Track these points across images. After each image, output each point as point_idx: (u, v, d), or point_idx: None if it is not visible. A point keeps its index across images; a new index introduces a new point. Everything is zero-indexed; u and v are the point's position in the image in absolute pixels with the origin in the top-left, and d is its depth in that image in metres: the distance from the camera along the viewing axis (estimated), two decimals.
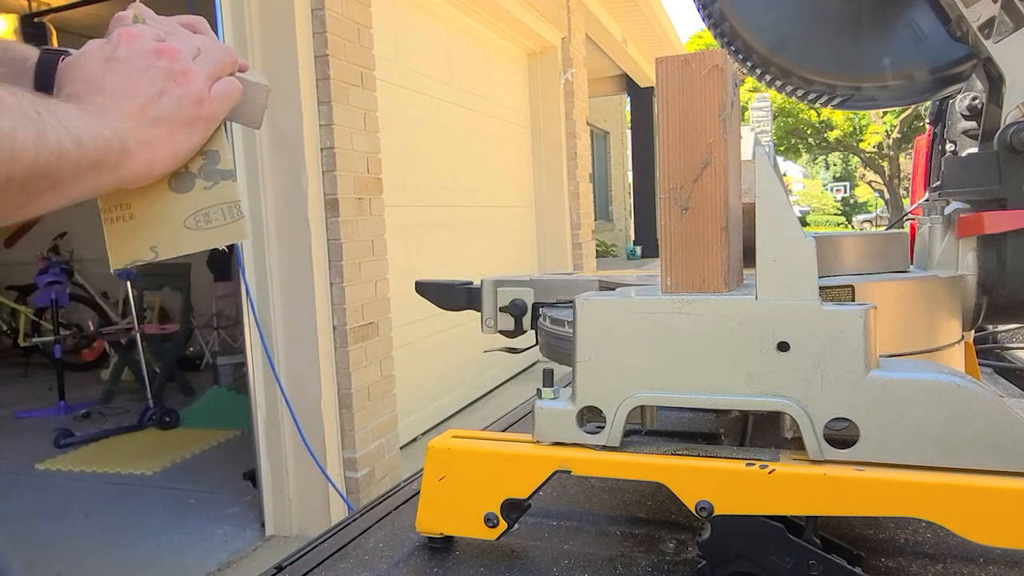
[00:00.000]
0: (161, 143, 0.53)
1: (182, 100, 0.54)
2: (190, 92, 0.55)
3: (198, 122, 0.55)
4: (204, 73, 0.56)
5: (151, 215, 0.56)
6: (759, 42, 0.86)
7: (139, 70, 0.54)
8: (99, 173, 0.50)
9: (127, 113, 0.52)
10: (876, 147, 22.58)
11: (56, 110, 0.48)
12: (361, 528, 0.65)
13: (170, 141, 0.54)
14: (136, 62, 0.54)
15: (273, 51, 2.85)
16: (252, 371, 2.94)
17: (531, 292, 0.82)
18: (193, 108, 0.55)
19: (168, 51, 0.55)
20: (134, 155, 0.52)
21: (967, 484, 0.45)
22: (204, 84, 0.55)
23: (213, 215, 0.56)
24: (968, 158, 0.73)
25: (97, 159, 0.49)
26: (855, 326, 0.47)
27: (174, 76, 0.54)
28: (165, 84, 0.54)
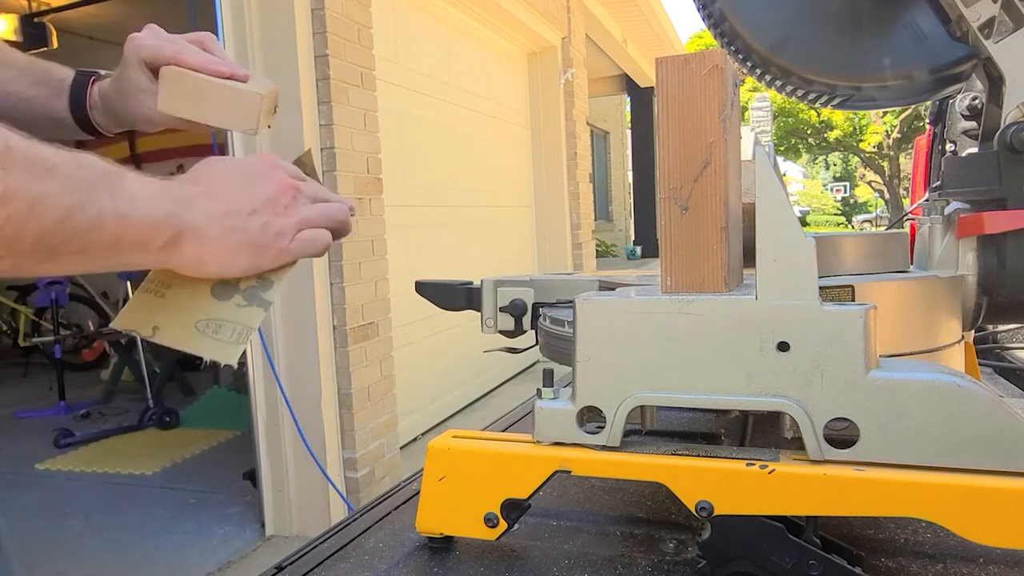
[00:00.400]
0: (223, 250, 0.56)
1: (268, 227, 0.57)
2: (279, 224, 0.57)
3: (268, 252, 0.57)
4: (306, 217, 0.59)
5: (176, 304, 0.58)
6: (759, 42, 0.86)
7: (248, 185, 0.57)
8: (143, 252, 0.52)
9: (207, 210, 0.55)
10: (876, 147, 22.58)
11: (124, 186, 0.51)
12: (361, 528, 0.65)
13: (233, 253, 0.56)
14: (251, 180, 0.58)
15: (273, 51, 2.85)
16: (252, 371, 2.94)
17: (531, 292, 0.82)
18: (272, 238, 0.57)
19: (284, 184, 0.58)
20: (187, 246, 0.54)
21: (967, 484, 0.45)
22: (296, 224, 0.58)
23: (224, 329, 0.57)
24: (968, 158, 0.73)
25: (142, 238, 0.51)
26: (855, 326, 0.47)
27: (274, 205, 0.57)
28: (263, 207, 0.57)
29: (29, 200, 0.45)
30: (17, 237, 0.45)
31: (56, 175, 0.46)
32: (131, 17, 6.07)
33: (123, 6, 5.15)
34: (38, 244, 0.46)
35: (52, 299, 5.12)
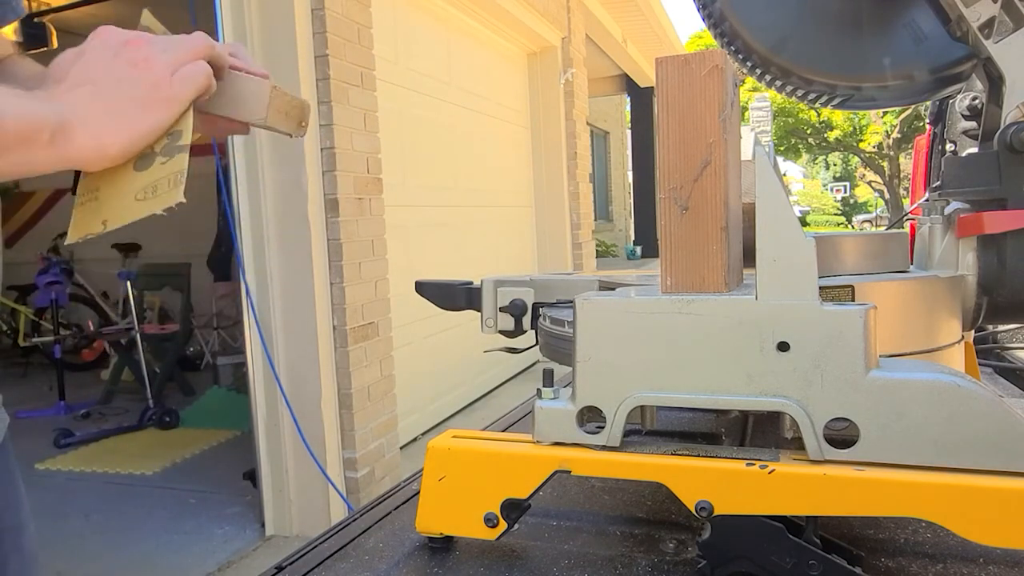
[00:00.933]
0: (111, 123, 0.56)
1: (138, 84, 0.57)
2: (148, 77, 0.57)
3: (157, 104, 0.57)
4: (168, 59, 0.58)
5: (111, 194, 0.58)
6: (759, 42, 0.86)
7: (101, 61, 0.57)
8: (31, 148, 0.53)
9: (77, 97, 0.55)
10: (876, 147, 22.58)
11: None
12: (361, 528, 0.65)
13: (122, 121, 0.56)
14: (99, 53, 0.57)
15: (273, 51, 2.85)
16: (252, 371, 2.94)
17: (531, 292, 0.82)
18: (150, 91, 0.57)
19: (132, 42, 0.58)
20: (76, 133, 0.54)
21: (967, 484, 0.45)
22: (165, 69, 0.58)
23: (160, 185, 0.57)
24: (968, 158, 0.73)
25: (24, 135, 0.52)
26: (855, 326, 0.47)
27: (134, 63, 0.57)
28: (123, 71, 0.57)
29: None
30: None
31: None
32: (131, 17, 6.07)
33: (123, 6, 5.15)
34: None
35: (52, 299, 5.12)
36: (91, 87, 0.56)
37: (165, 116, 0.57)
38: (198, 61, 0.59)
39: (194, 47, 0.60)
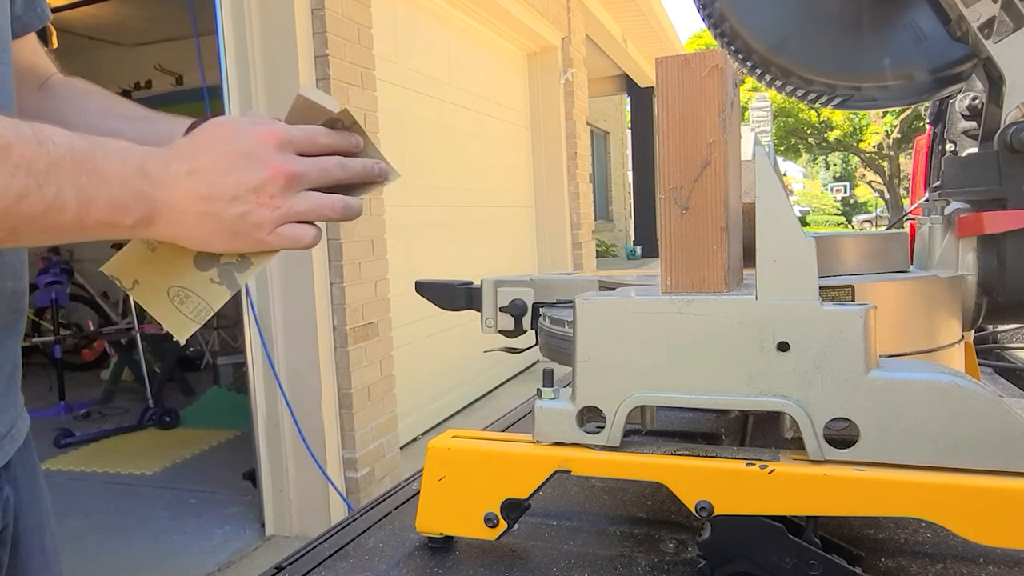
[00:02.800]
0: (198, 233, 0.54)
1: (246, 216, 0.54)
2: (259, 214, 0.55)
3: (246, 240, 0.56)
4: (292, 210, 0.56)
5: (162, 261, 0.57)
6: (759, 42, 0.86)
7: (237, 168, 0.54)
8: (112, 230, 0.52)
9: (186, 193, 0.53)
10: (876, 147, 22.58)
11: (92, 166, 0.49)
12: (361, 528, 0.65)
13: (206, 236, 0.55)
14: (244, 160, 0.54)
15: (273, 51, 2.85)
16: (252, 371, 2.94)
17: (531, 292, 0.82)
18: (249, 228, 0.55)
19: (277, 170, 0.55)
20: (161, 226, 0.53)
21: (967, 484, 0.45)
22: (279, 217, 0.55)
23: (189, 302, 0.57)
24: (968, 158, 0.73)
25: (106, 220, 0.51)
26: (855, 326, 0.47)
27: (259, 193, 0.54)
28: (246, 195, 0.54)
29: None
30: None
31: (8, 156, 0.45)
32: (131, 17, 6.08)
33: (123, 6, 5.15)
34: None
35: (52, 299, 5.12)
36: (205, 190, 0.53)
37: (247, 250, 0.57)
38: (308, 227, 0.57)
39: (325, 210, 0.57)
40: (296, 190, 0.56)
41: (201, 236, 0.55)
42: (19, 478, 0.68)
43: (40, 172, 0.46)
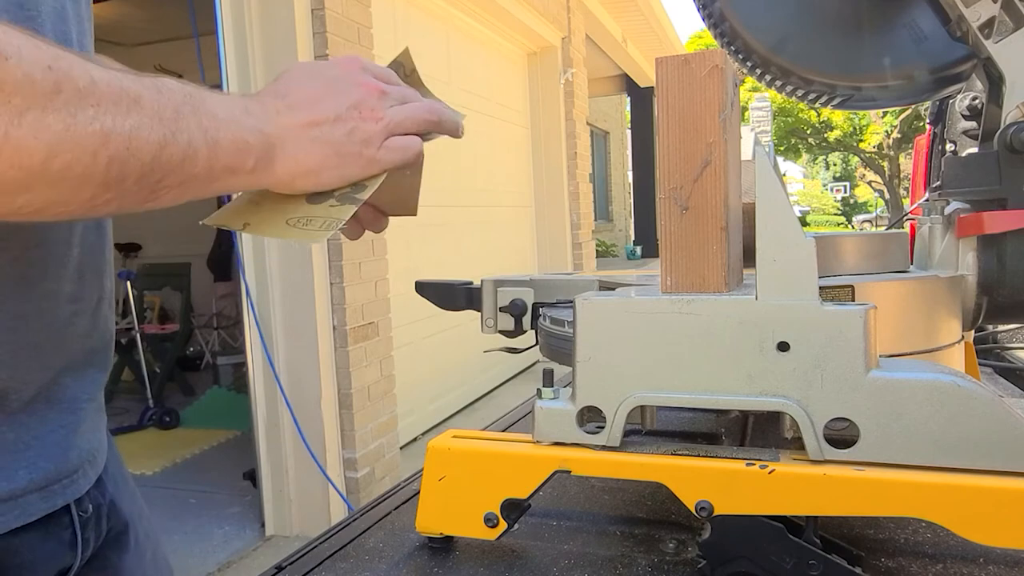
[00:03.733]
0: (312, 162, 0.54)
1: (354, 133, 0.54)
2: (365, 130, 0.55)
3: (358, 160, 0.55)
4: (392, 120, 0.56)
5: (270, 207, 0.56)
6: (759, 42, 0.86)
7: (332, 92, 0.54)
8: (234, 176, 0.51)
9: (290, 123, 0.53)
10: (876, 147, 22.58)
11: (206, 109, 0.48)
12: (361, 528, 0.65)
13: (320, 164, 0.54)
14: (334, 85, 0.55)
15: (273, 51, 2.85)
16: (252, 371, 2.94)
17: (531, 292, 0.82)
18: (359, 145, 0.55)
19: (370, 87, 0.56)
20: (277, 164, 0.52)
21: (967, 484, 0.45)
22: (384, 129, 0.56)
23: (315, 222, 0.55)
24: (968, 158, 0.73)
25: (231, 163, 0.50)
26: (855, 326, 0.47)
27: (360, 109, 0.55)
28: (348, 113, 0.54)
29: (126, 136, 0.43)
30: (122, 177, 0.43)
31: (142, 105, 0.44)
32: (131, 17, 6.07)
33: (123, 6, 5.15)
34: (141, 181, 0.45)
35: None
36: (308, 117, 0.53)
37: (360, 173, 0.56)
38: (413, 137, 0.57)
39: (419, 115, 0.58)
40: (389, 104, 0.57)
41: (316, 166, 0.54)
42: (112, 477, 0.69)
43: (170, 120, 0.45)
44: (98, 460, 0.64)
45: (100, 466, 0.65)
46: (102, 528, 0.64)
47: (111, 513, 0.65)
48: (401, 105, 0.58)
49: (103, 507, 0.64)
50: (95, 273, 0.61)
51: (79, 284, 0.58)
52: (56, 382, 0.56)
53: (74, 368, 0.58)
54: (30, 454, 0.54)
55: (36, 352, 0.54)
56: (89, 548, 0.61)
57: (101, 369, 0.63)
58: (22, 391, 0.53)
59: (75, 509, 0.59)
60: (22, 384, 0.53)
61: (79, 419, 0.59)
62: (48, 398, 0.56)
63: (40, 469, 0.55)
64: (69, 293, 0.57)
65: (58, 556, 0.58)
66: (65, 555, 0.58)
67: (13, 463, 0.53)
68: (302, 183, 0.54)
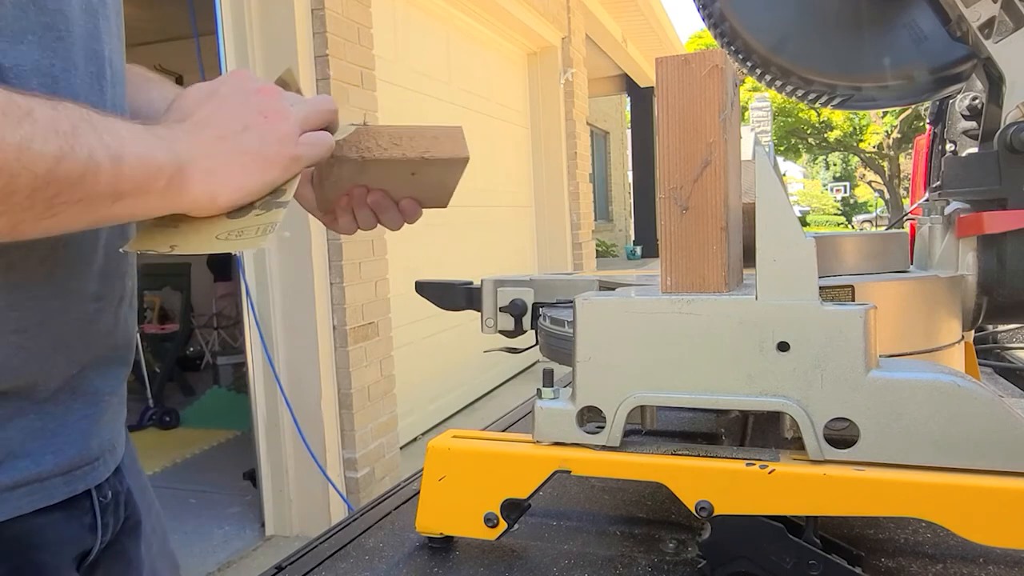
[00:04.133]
0: (231, 174, 0.53)
1: (266, 136, 0.54)
2: (277, 129, 0.55)
3: (278, 161, 0.55)
4: (299, 115, 0.56)
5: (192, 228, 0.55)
6: (759, 42, 0.86)
7: (231, 105, 0.55)
8: (145, 197, 0.50)
9: (200, 141, 0.52)
10: (876, 147, 22.58)
11: (108, 127, 0.48)
12: (361, 528, 0.65)
13: (241, 174, 0.53)
14: (232, 98, 0.55)
15: (273, 51, 2.85)
16: (252, 371, 2.94)
17: (531, 292, 0.82)
18: (276, 146, 0.54)
19: (266, 90, 0.56)
20: (193, 182, 0.52)
21: (967, 484, 0.45)
22: (294, 127, 0.55)
23: (247, 231, 0.54)
24: (968, 158, 0.73)
25: (140, 183, 0.49)
26: (855, 326, 0.47)
27: (264, 112, 0.55)
28: (253, 119, 0.54)
29: (15, 147, 0.42)
30: (11, 189, 0.42)
31: (34, 118, 0.43)
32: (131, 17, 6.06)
33: (123, 6, 5.14)
34: (34, 196, 0.43)
35: None
36: (216, 132, 0.53)
37: (281, 176, 0.55)
38: (323, 132, 0.58)
39: (325, 107, 0.58)
40: (290, 102, 0.57)
41: (236, 176, 0.53)
42: (128, 469, 0.71)
43: (67, 133, 0.45)
44: (118, 450, 0.67)
45: (120, 456, 0.67)
46: (120, 515, 0.66)
47: (127, 502, 0.68)
48: (302, 102, 0.58)
49: (121, 495, 0.67)
50: (118, 274, 0.63)
51: (103, 284, 0.60)
52: (81, 375, 0.59)
53: (97, 363, 0.61)
54: (56, 441, 0.57)
55: (63, 347, 0.57)
56: (108, 532, 0.64)
57: (123, 365, 0.66)
58: (49, 383, 0.56)
59: (96, 495, 0.62)
60: (49, 376, 0.56)
61: (101, 410, 0.62)
62: (73, 390, 0.59)
63: (65, 455, 0.58)
64: (93, 292, 0.59)
65: (79, 538, 0.61)
66: (86, 538, 0.61)
67: (40, 448, 0.56)
68: (227, 198, 0.53)
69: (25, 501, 0.54)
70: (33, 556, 0.56)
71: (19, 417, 0.54)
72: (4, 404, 0.53)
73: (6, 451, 0.54)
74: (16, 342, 0.53)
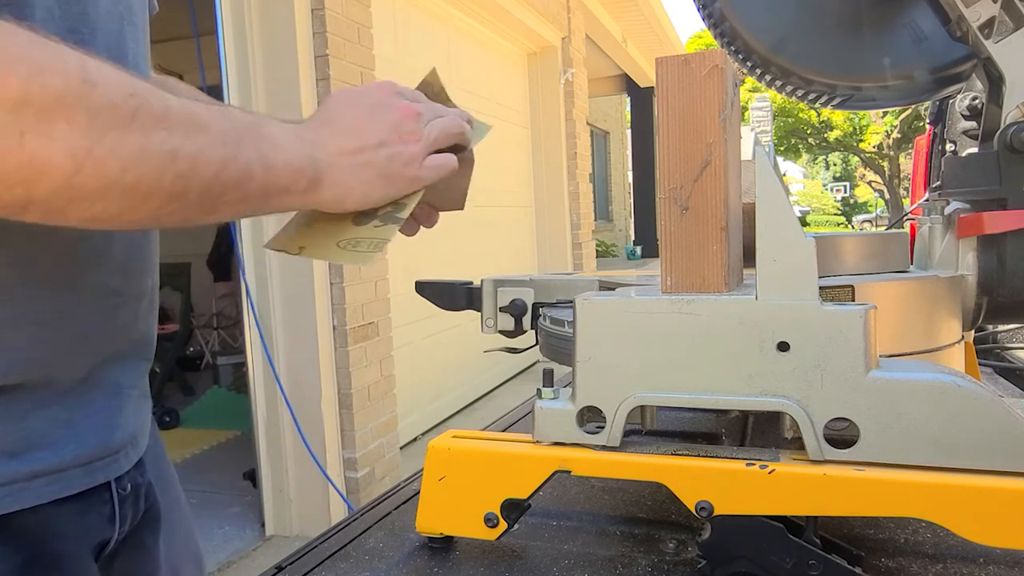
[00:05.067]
0: (358, 185, 0.58)
1: (396, 156, 0.59)
2: (406, 152, 0.60)
3: (401, 180, 0.60)
4: (428, 139, 0.61)
5: (321, 229, 0.61)
6: (759, 42, 0.86)
7: (372, 118, 0.60)
8: (287, 196, 0.56)
9: (338, 150, 0.58)
10: (876, 147, 22.58)
11: (264, 133, 0.54)
12: (361, 528, 0.65)
13: (367, 186, 0.59)
14: (374, 111, 0.60)
15: (273, 51, 2.85)
16: (252, 371, 2.94)
17: (531, 292, 0.82)
18: (401, 167, 0.60)
19: (406, 110, 0.61)
20: (325, 187, 0.57)
21: (967, 484, 0.45)
22: (422, 149, 0.61)
23: (363, 244, 0.60)
24: (968, 158, 0.73)
25: (286, 184, 0.55)
26: (855, 326, 0.47)
27: (400, 133, 0.60)
28: (389, 136, 0.59)
29: (191, 157, 0.48)
30: (184, 192, 0.48)
31: (209, 131, 0.50)
32: None
33: None
34: (203, 196, 0.50)
35: None
36: (355, 143, 0.58)
37: (403, 191, 0.61)
38: (448, 155, 0.63)
39: (452, 131, 0.63)
40: (424, 123, 0.62)
41: (361, 188, 0.59)
42: (153, 461, 0.73)
43: (232, 144, 0.51)
44: (140, 443, 0.68)
45: (141, 449, 0.69)
46: (139, 507, 0.68)
47: (148, 495, 0.70)
48: (434, 121, 0.63)
49: (141, 487, 0.68)
50: (139, 272, 0.66)
51: (123, 280, 0.62)
52: (101, 368, 0.61)
53: (118, 357, 0.63)
54: (77, 432, 0.59)
55: (83, 340, 0.59)
56: (127, 524, 0.65)
57: (143, 359, 0.68)
58: (70, 375, 0.58)
59: (115, 486, 0.63)
60: (70, 368, 0.58)
61: (122, 403, 0.64)
62: (94, 382, 0.60)
63: (85, 446, 0.59)
64: (114, 287, 0.61)
65: (98, 529, 0.62)
66: (104, 529, 0.63)
67: (61, 439, 0.57)
68: (351, 203, 0.59)
69: (45, 491, 0.56)
70: (52, 545, 0.57)
71: (41, 408, 0.56)
72: (26, 395, 0.55)
73: (27, 441, 0.55)
74: (36, 333, 0.55)
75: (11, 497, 0.54)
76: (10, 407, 0.54)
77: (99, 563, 0.63)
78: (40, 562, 0.56)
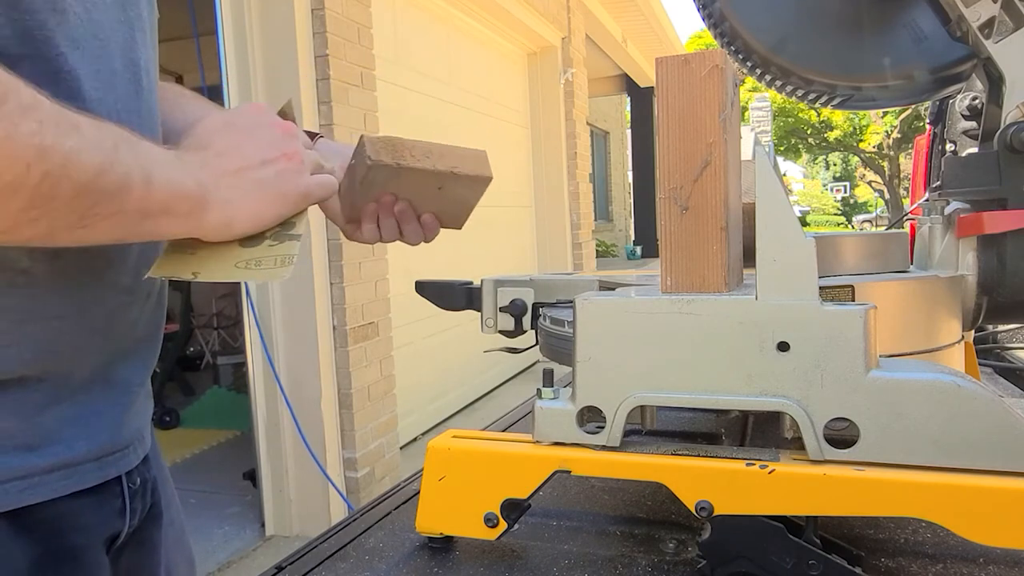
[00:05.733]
0: (247, 205, 0.57)
1: (283, 173, 0.59)
2: (292, 167, 0.59)
3: (291, 198, 0.59)
4: (309, 159, 0.61)
5: (210, 255, 0.59)
6: (759, 42, 0.86)
7: (252, 137, 0.59)
8: (166, 218, 0.53)
9: (221, 171, 0.56)
10: (876, 147, 22.57)
11: (142, 150, 0.51)
12: (361, 528, 0.65)
13: (256, 205, 0.57)
14: (251, 132, 0.59)
15: (273, 51, 2.85)
16: (252, 371, 2.94)
17: (531, 292, 0.82)
18: (291, 185, 0.59)
19: (284, 126, 0.61)
20: (213, 211, 0.55)
21: (967, 484, 0.45)
22: (306, 166, 0.60)
23: (265, 262, 0.58)
24: (968, 158, 0.73)
25: (166, 203, 0.52)
26: (855, 326, 0.47)
27: (282, 149, 0.59)
28: (271, 154, 0.58)
29: (63, 155, 0.45)
30: (53, 194, 0.45)
31: (81, 131, 0.47)
32: None
33: None
34: (73, 203, 0.46)
35: None
36: (238, 163, 0.57)
37: (291, 209, 0.60)
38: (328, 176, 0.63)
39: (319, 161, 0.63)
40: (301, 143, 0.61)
41: (251, 207, 0.57)
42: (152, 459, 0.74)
43: (109, 150, 0.48)
44: (145, 439, 0.69)
45: (147, 445, 0.70)
46: (147, 501, 0.69)
47: (154, 490, 0.71)
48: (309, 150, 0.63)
49: (148, 483, 0.69)
50: None
51: (135, 278, 0.63)
52: (110, 365, 0.62)
53: (124, 354, 0.64)
54: (89, 428, 0.60)
55: (96, 336, 0.59)
56: (136, 517, 0.67)
57: (148, 357, 0.68)
58: (82, 371, 0.59)
59: (125, 480, 0.65)
60: (82, 364, 0.59)
61: (130, 400, 0.65)
62: (104, 379, 0.61)
63: (97, 441, 0.60)
64: (126, 285, 0.62)
65: (110, 522, 0.63)
66: (115, 522, 0.64)
67: (74, 435, 0.58)
68: (241, 226, 0.57)
69: (60, 485, 0.57)
70: (67, 538, 0.59)
71: (55, 404, 0.57)
72: (40, 391, 0.56)
73: (42, 436, 0.56)
74: (57, 327, 0.56)
75: (30, 490, 0.55)
76: (27, 402, 0.55)
77: (109, 556, 0.64)
78: (57, 555, 0.57)
